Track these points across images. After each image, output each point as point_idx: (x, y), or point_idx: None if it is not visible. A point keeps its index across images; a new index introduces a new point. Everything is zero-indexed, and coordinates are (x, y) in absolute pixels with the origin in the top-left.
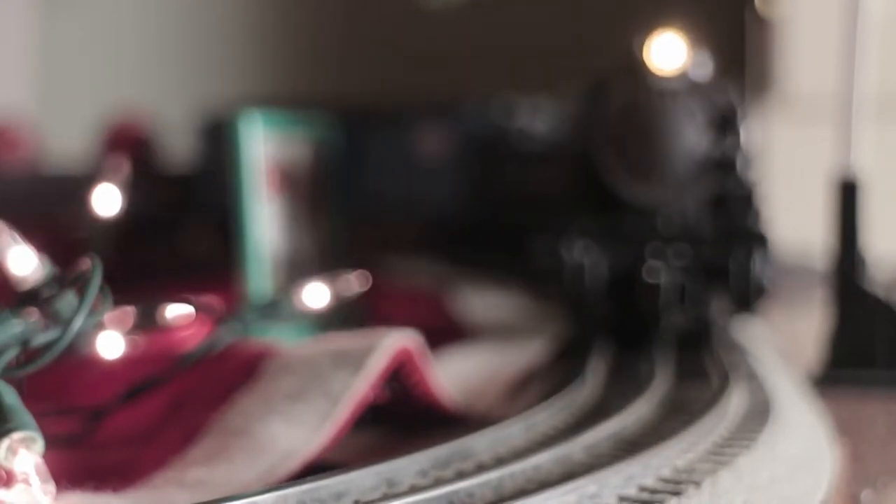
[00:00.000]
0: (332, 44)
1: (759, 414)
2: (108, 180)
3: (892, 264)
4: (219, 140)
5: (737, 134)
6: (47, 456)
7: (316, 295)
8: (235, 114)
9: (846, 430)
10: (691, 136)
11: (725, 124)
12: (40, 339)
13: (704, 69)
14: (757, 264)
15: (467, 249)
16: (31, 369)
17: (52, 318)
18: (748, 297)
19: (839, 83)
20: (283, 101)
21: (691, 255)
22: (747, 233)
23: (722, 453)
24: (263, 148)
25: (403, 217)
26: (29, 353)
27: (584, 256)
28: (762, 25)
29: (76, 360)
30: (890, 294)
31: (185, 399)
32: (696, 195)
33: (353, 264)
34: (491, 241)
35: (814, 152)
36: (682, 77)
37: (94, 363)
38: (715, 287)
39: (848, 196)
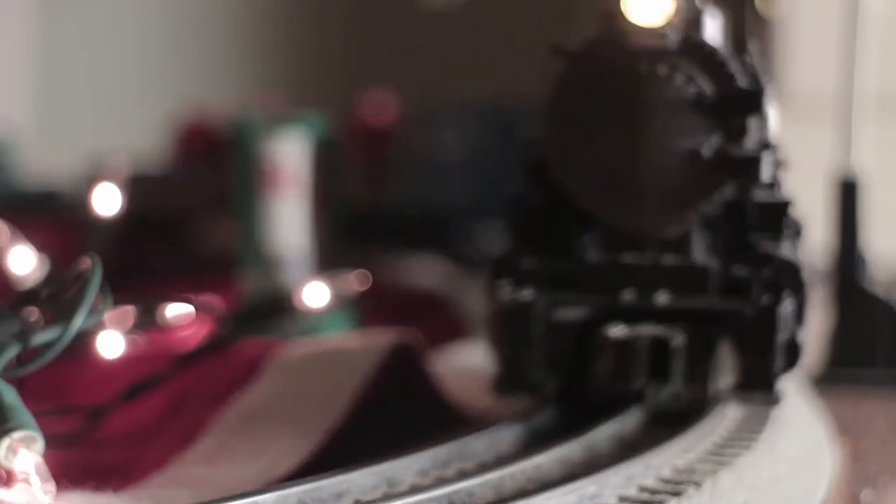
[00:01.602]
0: (336, 44)
1: (759, 414)
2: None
3: (892, 264)
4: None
5: (762, 120)
6: (47, 455)
7: (316, 294)
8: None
9: (846, 429)
10: (691, 124)
11: (743, 106)
12: (40, 338)
13: (712, 25)
14: (786, 310)
15: None
16: (31, 368)
17: (52, 317)
18: (770, 362)
19: (839, 83)
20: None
21: (687, 300)
22: (776, 264)
23: (722, 454)
24: (266, 148)
25: None
26: (29, 352)
27: (528, 300)
28: (762, 24)
29: (76, 359)
30: (890, 294)
31: (186, 398)
32: (695, 211)
33: (354, 264)
34: None
35: (813, 151)
36: (678, 34)
37: (95, 362)
38: (722, 346)
39: (848, 196)
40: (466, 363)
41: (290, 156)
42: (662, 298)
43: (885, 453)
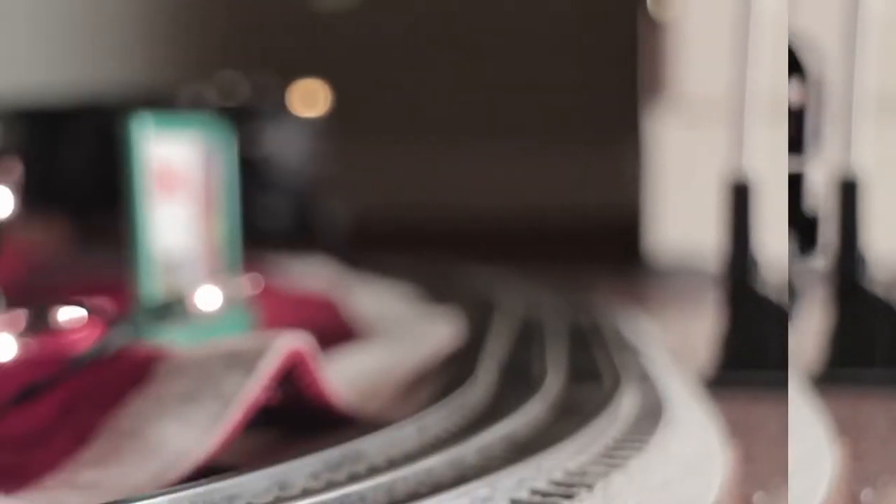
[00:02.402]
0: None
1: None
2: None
3: (892, 264)
4: None
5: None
6: None
7: (208, 298)
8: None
9: (846, 429)
10: None
11: None
12: None
13: None
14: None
15: None
16: None
17: None
18: None
19: (840, 83)
20: None
21: None
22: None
23: (614, 455)
24: (155, 148)
25: None
26: None
27: None
28: (654, 28)
29: None
30: (890, 294)
31: (77, 402)
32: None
33: (246, 267)
34: None
35: None
36: None
37: None
38: None
39: (848, 196)
40: (357, 366)
41: (183, 158)
42: None
43: (885, 453)
